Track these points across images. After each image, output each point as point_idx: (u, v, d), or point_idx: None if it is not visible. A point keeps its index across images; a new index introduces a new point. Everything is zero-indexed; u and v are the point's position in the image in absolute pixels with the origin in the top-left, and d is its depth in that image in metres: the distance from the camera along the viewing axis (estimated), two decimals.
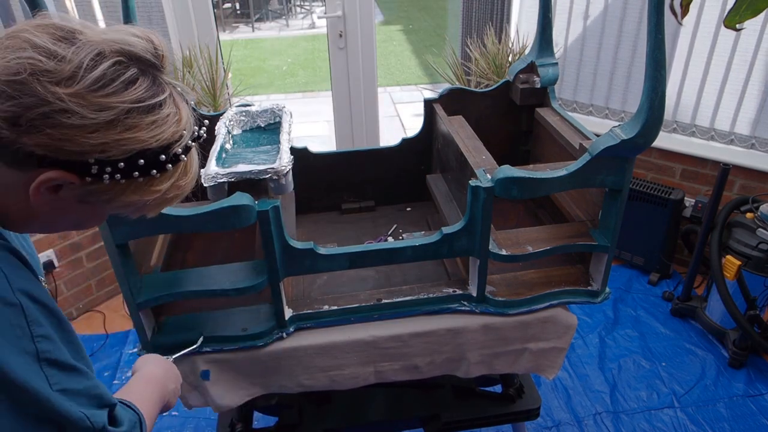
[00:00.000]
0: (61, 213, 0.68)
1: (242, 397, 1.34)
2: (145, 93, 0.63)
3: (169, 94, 0.66)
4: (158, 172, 0.66)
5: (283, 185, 1.18)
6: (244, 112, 1.46)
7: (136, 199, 0.68)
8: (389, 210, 1.86)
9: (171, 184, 0.70)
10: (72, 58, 0.59)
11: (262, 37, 8.62)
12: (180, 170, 0.70)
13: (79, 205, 0.67)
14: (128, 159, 0.63)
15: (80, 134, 0.60)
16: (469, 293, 1.35)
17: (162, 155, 0.65)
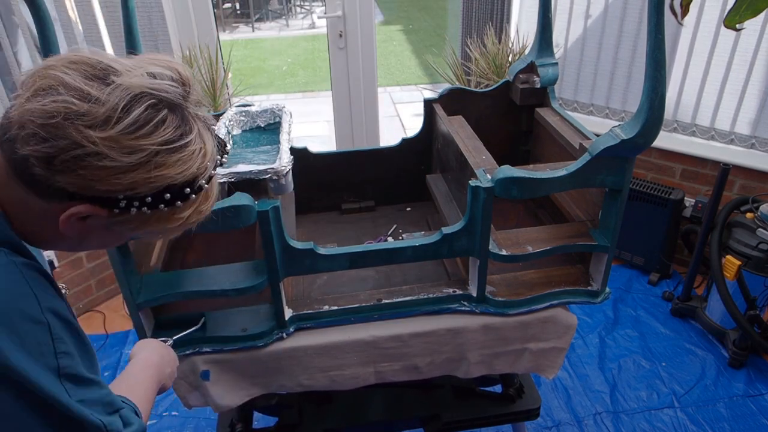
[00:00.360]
0: (86, 238, 0.71)
1: (242, 397, 1.34)
2: (173, 133, 0.64)
3: (197, 130, 0.68)
4: (182, 202, 0.68)
5: (283, 185, 1.18)
6: (243, 113, 1.46)
7: (160, 227, 0.71)
8: (389, 210, 1.86)
9: (193, 210, 0.72)
10: (106, 101, 0.60)
11: (262, 37, 8.62)
12: (202, 197, 0.72)
13: (105, 232, 0.70)
14: (155, 194, 0.65)
15: (111, 175, 0.62)
16: (469, 293, 1.35)
17: (188, 188, 0.68)
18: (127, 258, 1.16)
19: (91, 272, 2.78)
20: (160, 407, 2.24)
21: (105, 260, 2.80)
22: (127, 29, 1.36)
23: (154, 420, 2.19)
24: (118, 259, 1.14)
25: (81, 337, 0.71)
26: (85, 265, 2.75)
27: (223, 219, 1.11)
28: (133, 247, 1.21)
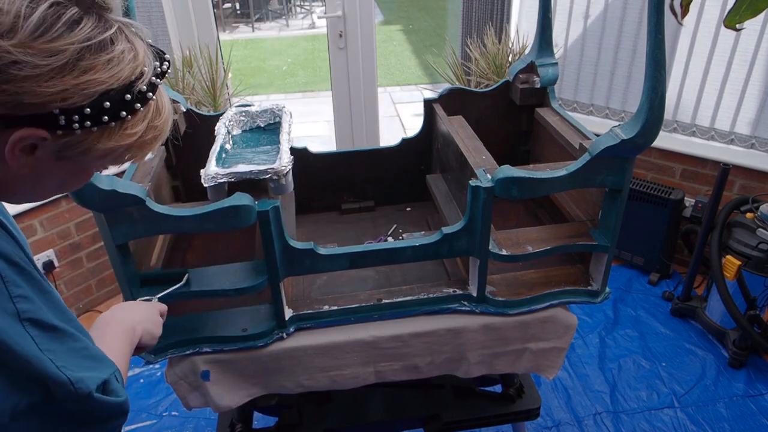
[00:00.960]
0: (42, 174, 0.67)
1: (242, 398, 1.34)
2: (92, 31, 0.62)
3: (119, 29, 0.65)
4: (128, 113, 0.65)
5: (283, 185, 1.18)
6: (243, 113, 1.46)
7: (113, 146, 0.67)
8: (389, 210, 1.86)
9: (146, 125, 0.69)
10: (8, 9, 0.58)
11: (262, 37, 8.62)
12: (152, 110, 0.69)
13: (59, 163, 0.66)
14: (93, 103, 0.62)
15: (37, 84, 0.59)
16: (469, 293, 1.35)
17: (127, 95, 0.64)
18: (127, 258, 1.16)
19: (91, 272, 2.78)
20: (160, 407, 2.24)
21: (105, 260, 2.80)
22: None
23: (154, 420, 2.19)
24: (118, 259, 1.14)
25: (42, 285, 0.67)
26: (85, 265, 2.75)
27: (223, 219, 1.11)
28: (134, 247, 1.21)
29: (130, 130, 0.67)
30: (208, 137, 1.37)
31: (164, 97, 0.73)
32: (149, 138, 0.71)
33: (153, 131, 0.71)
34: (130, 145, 0.69)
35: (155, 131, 0.71)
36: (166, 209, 1.11)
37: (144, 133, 0.69)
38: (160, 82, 0.71)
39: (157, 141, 0.73)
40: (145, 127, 0.69)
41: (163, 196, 1.55)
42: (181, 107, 1.56)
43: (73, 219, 2.62)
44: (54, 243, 2.59)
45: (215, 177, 1.14)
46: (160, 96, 0.71)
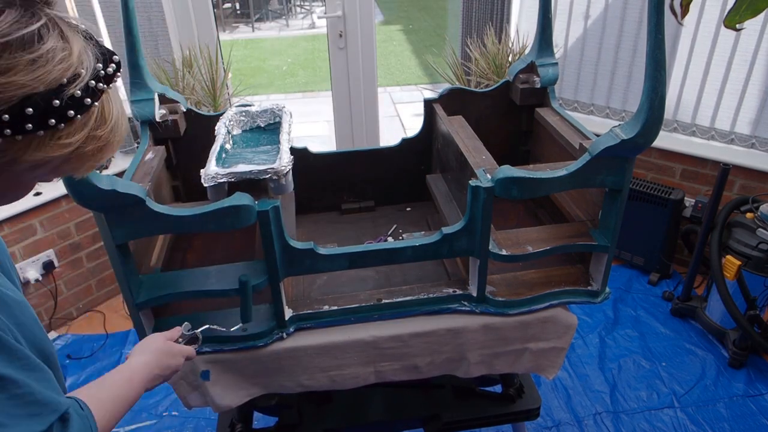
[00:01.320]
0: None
1: (242, 397, 1.34)
2: (12, 26, 0.53)
3: (49, 24, 0.56)
4: (58, 121, 0.57)
5: (283, 185, 1.18)
6: (243, 113, 1.46)
7: (43, 157, 0.59)
8: (389, 210, 1.85)
9: (85, 135, 0.60)
10: None
11: (262, 37, 8.62)
12: (94, 118, 0.60)
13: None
14: (12, 109, 0.54)
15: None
16: (469, 293, 1.35)
17: (55, 100, 0.56)
18: (127, 258, 1.16)
19: (91, 272, 2.78)
20: (160, 407, 2.24)
21: (105, 260, 2.80)
22: (127, 29, 1.36)
23: (154, 420, 2.19)
24: (118, 259, 1.14)
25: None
26: (85, 265, 2.75)
27: (223, 219, 1.11)
28: (134, 247, 1.21)
29: (65, 140, 0.59)
30: (208, 137, 1.37)
31: (112, 103, 0.64)
32: (90, 149, 0.62)
33: (94, 141, 0.62)
34: (67, 156, 0.60)
35: (97, 142, 0.62)
36: (166, 209, 1.11)
37: (83, 144, 0.60)
38: (104, 86, 0.61)
39: (103, 153, 0.64)
40: (84, 136, 0.60)
41: (163, 196, 1.55)
42: (181, 107, 1.56)
43: (73, 219, 2.63)
44: (54, 243, 2.59)
45: (215, 177, 1.14)
46: (106, 102, 0.62)
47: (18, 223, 2.43)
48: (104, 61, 0.62)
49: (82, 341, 2.62)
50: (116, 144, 0.66)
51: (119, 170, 2.69)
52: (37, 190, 2.51)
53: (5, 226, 2.39)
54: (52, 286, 2.63)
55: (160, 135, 1.54)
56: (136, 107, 1.46)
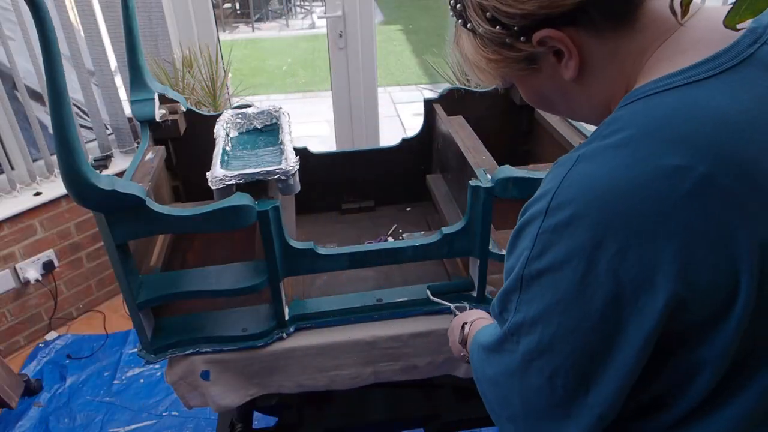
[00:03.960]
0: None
1: (242, 397, 1.34)
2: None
3: None
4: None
5: (291, 185, 1.17)
6: (240, 114, 1.45)
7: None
8: (389, 210, 1.85)
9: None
10: None
11: (262, 37, 8.62)
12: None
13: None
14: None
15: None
16: (469, 293, 1.35)
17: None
18: (127, 258, 1.16)
19: (91, 272, 2.78)
20: (160, 407, 2.24)
21: (105, 260, 2.80)
22: (127, 29, 1.37)
23: (154, 420, 2.19)
24: (118, 259, 1.14)
25: None
26: (85, 265, 2.75)
27: (223, 219, 1.11)
28: (134, 247, 1.21)
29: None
30: (208, 137, 1.37)
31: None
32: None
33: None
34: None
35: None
36: (166, 209, 1.11)
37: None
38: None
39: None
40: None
41: (163, 196, 1.55)
42: (181, 107, 1.56)
43: (73, 219, 2.62)
44: (54, 243, 2.59)
45: (223, 179, 1.14)
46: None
47: (18, 223, 2.43)
48: None
49: (82, 341, 2.62)
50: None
51: (119, 170, 2.69)
52: (37, 190, 2.51)
53: (5, 226, 2.39)
54: (52, 286, 2.63)
55: (160, 135, 1.54)
56: (136, 107, 1.46)
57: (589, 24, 0.57)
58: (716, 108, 0.51)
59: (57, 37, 0.86)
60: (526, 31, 0.58)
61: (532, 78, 0.65)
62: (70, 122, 0.91)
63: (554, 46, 0.59)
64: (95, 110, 2.67)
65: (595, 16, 0.56)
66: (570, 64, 0.60)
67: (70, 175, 0.96)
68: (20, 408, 2.25)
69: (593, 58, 0.60)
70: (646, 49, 0.58)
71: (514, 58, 0.62)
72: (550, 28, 0.57)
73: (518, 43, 0.60)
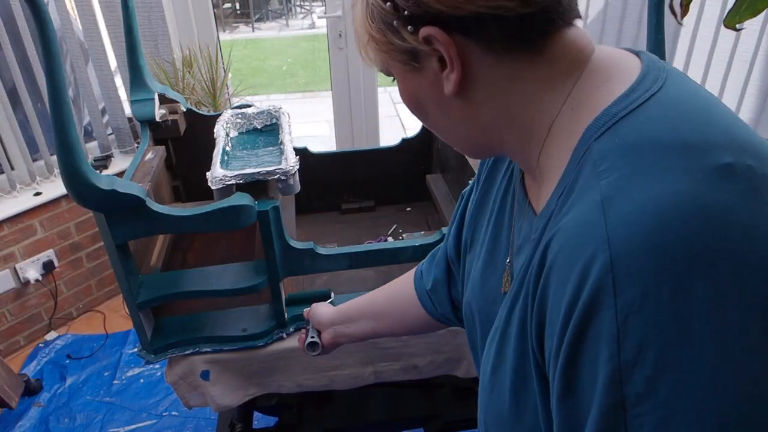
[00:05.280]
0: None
1: (242, 397, 1.34)
2: None
3: None
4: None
5: (291, 185, 1.17)
6: (240, 114, 1.46)
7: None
8: (389, 210, 1.86)
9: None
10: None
11: (262, 37, 8.62)
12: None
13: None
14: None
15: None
16: None
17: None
18: (127, 258, 1.16)
19: (91, 272, 2.78)
20: (160, 407, 2.24)
21: (105, 260, 2.80)
22: (127, 29, 1.37)
23: (154, 420, 2.19)
24: (118, 259, 1.14)
25: None
26: (85, 265, 2.75)
27: (223, 219, 1.11)
28: (134, 247, 1.21)
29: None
30: (208, 137, 1.37)
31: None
32: None
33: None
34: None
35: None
36: (166, 209, 1.11)
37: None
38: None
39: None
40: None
41: (163, 196, 1.55)
42: (181, 107, 1.56)
43: (73, 219, 2.63)
44: (54, 243, 2.59)
45: (223, 179, 1.14)
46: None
47: (18, 223, 2.43)
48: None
49: (82, 341, 2.62)
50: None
51: (119, 170, 2.69)
52: (37, 190, 2.51)
53: (5, 226, 2.39)
54: (52, 286, 2.63)
55: (160, 135, 1.54)
56: (136, 107, 1.46)
57: (485, 39, 0.50)
58: (697, 109, 0.48)
59: (57, 36, 0.86)
60: (414, 20, 0.51)
61: (412, 77, 0.57)
62: (70, 122, 0.91)
63: (439, 51, 0.51)
64: (95, 110, 2.67)
65: (494, 33, 0.50)
66: (451, 77, 0.52)
67: (70, 175, 0.96)
68: (20, 408, 2.25)
69: (483, 78, 0.52)
70: (555, 83, 0.51)
71: (396, 47, 0.54)
72: (438, 28, 0.50)
73: (404, 31, 0.52)
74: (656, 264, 0.38)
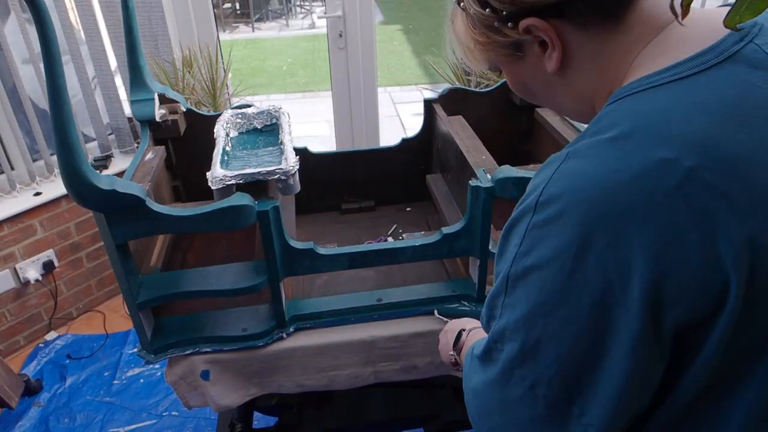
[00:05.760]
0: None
1: (242, 397, 1.34)
2: None
3: None
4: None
5: (291, 185, 1.17)
6: (240, 114, 1.45)
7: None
8: (389, 210, 1.85)
9: None
10: None
11: (262, 37, 8.62)
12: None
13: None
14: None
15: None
16: (469, 293, 1.35)
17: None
18: (127, 258, 1.16)
19: (91, 272, 2.78)
20: (160, 407, 2.24)
21: (105, 260, 2.80)
22: (127, 29, 1.37)
23: (154, 420, 2.19)
24: (118, 259, 1.14)
25: None
26: (85, 265, 2.75)
27: (223, 219, 1.11)
28: (134, 247, 1.21)
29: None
30: (208, 137, 1.37)
31: None
32: None
33: None
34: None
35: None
36: (166, 209, 1.11)
37: None
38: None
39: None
40: None
41: (163, 196, 1.55)
42: (181, 107, 1.56)
43: (73, 219, 2.63)
44: (54, 243, 2.59)
45: (223, 179, 1.14)
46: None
47: (18, 223, 2.43)
48: None
49: (82, 341, 2.62)
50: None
51: (119, 170, 2.69)
52: (37, 190, 2.51)
53: (5, 226, 2.39)
54: (52, 286, 2.63)
55: (160, 135, 1.54)
56: (136, 107, 1.46)
57: (575, 18, 0.58)
58: (702, 104, 0.51)
59: (57, 36, 0.86)
60: (513, 17, 0.59)
61: (517, 65, 0.66)
62: (70, 122, 0.91)
63: (539, 37, 0.60)
64: (95, 110, 2.67)
65: (582, 10, 0.57)
66: (553, 56, 0.60)
67: (70, 175, 0.96)
68: (20, 408, 2.25)
69: (577, 52, 0.60)
70: (632, 48, 0.58)
71: (500, 43, 0.63)
72: (536, 18, 0.58)
73: (505, 29, 0.60)
74: (559, 209, 0.52)
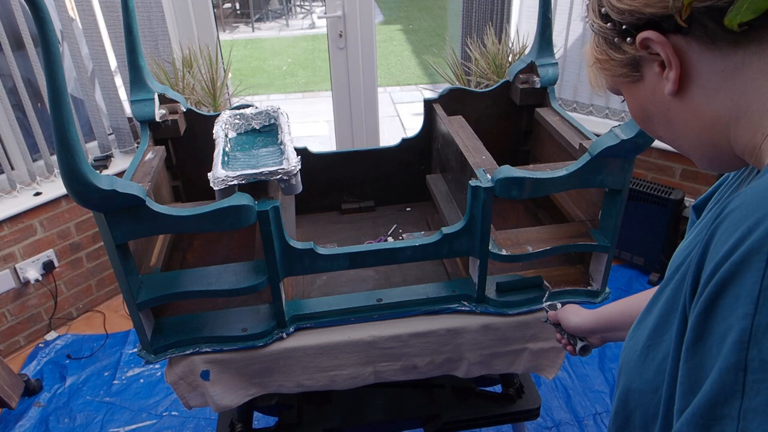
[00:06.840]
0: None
1: (242, 397, 1.34)
2: None
3: None
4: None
5: (293, 185, 1.17)
6: (238, 115, 1.45)
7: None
8: (389, 210, 1.85)
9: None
10: None
11: (262, 37, 8.62)
12: None
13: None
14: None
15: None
16: (469, 293, 1.35)
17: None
18: (127, 258, 1.16)
19: (91, 272, 2.78)
20: (160, 407, 2.24)
21: (105, 260, 2.80)
22: (127, 29, 1.37)
23: (154, 420, 2.19)
24: (118, 259, 1.14)
25: None
26: (85, 265, 2.75)
27: (223, 219, 1.11)
28: (134, 247, 1.21)
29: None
30: (208, 137, 1.37)
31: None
32: None
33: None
34: None
35: None
36: (166, 209, 1.11)
37: None
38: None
39: None
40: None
41: (163, 196, 1.55)
42: (181, 107, 1.56)
43: (73, 219, 2.63)
44: (54, 243, 2.59)
45: (225, 180, 1.14)
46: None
47: (18, 223, 2.43)
48: None
49: (82, 341, 2.62)
50: None
51: (119, 170, 2.69)
52: (37, 190, 2.51)
53: (5, 226, 2.39)
54: (52, 286, 2.63)
55: (160, 135, 1.54)
56: (136, 107, 1.46)
57: (701, 34, 0.50)
58: None
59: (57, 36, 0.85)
60: (631, 30, 0.55)
61: (636, 88, 0.61)
62: (70, 122, 0.91)
63: (658, 55, 0.54)
64: (95, 110, 2.67)
65: (708, 25, 0.49)
66: (670, 76, 0.54)
67: (70, 175, 0.96)
68: (20, 408, 2.25)
69: (702, 74, 0.52)
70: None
71: (618, 61, 0.59)
72: (654, 31, 0.52)
73: (623, 44, 0.57)
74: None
